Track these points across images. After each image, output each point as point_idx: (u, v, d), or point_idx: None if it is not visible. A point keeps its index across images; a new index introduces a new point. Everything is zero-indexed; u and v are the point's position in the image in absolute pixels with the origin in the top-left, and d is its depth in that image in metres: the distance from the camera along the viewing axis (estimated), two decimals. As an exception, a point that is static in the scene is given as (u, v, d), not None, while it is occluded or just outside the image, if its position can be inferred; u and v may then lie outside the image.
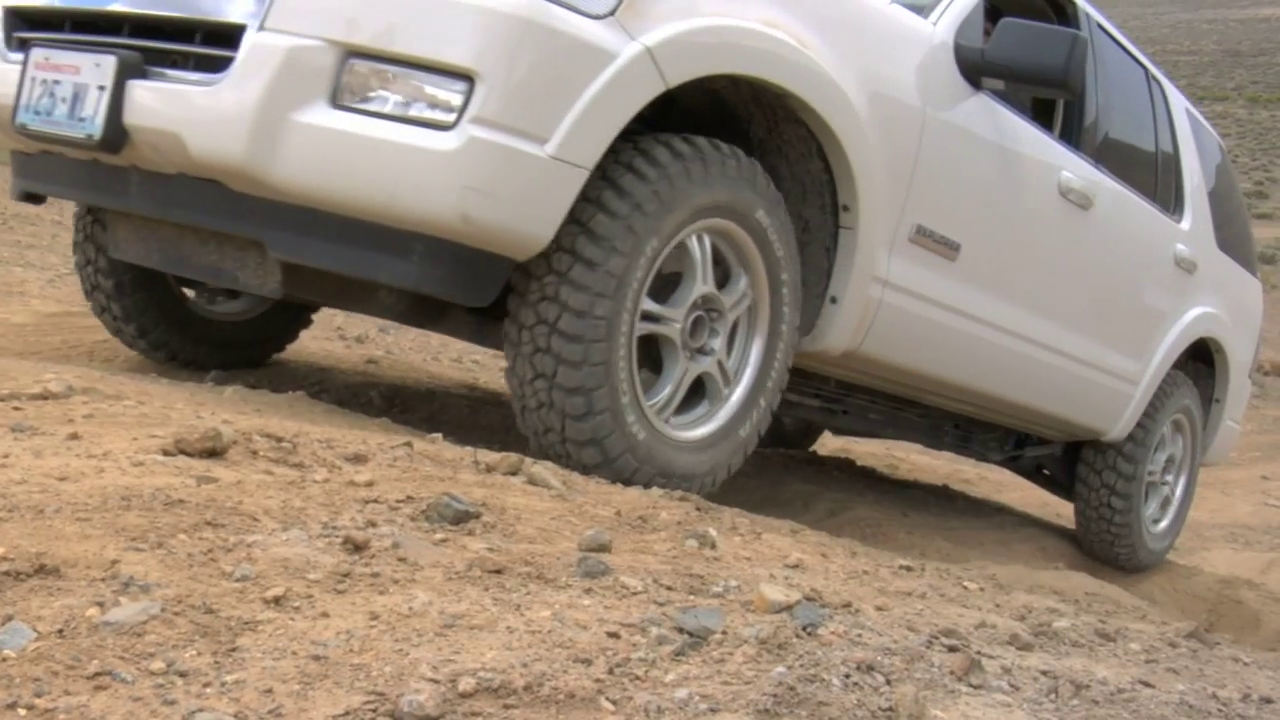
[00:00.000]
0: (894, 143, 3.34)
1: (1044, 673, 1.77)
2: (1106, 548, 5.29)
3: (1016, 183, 3.91)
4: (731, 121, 3.22)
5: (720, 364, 3.10)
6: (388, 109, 2.53)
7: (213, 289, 3.93)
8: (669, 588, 1.84)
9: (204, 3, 2.70)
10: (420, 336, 7.15)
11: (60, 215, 8.35)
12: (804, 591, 1.89)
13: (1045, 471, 5.68)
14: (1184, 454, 5.70)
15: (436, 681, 1.33)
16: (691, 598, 1.81)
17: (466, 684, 1.33)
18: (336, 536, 1.74)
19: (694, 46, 2.74)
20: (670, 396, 3.02)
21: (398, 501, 2.02)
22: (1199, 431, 5.67)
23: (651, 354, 3.03)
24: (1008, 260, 3.97)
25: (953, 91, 3.57)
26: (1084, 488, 5.26)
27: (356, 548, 1.70)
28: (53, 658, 1.25)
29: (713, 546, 2.25)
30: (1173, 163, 5.15)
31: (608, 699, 1.37)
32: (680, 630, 1.62)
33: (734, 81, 3.02)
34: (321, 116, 2.54)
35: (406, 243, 2.59)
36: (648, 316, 2.90)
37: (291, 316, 4.25)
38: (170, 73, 2.71)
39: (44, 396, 2.57)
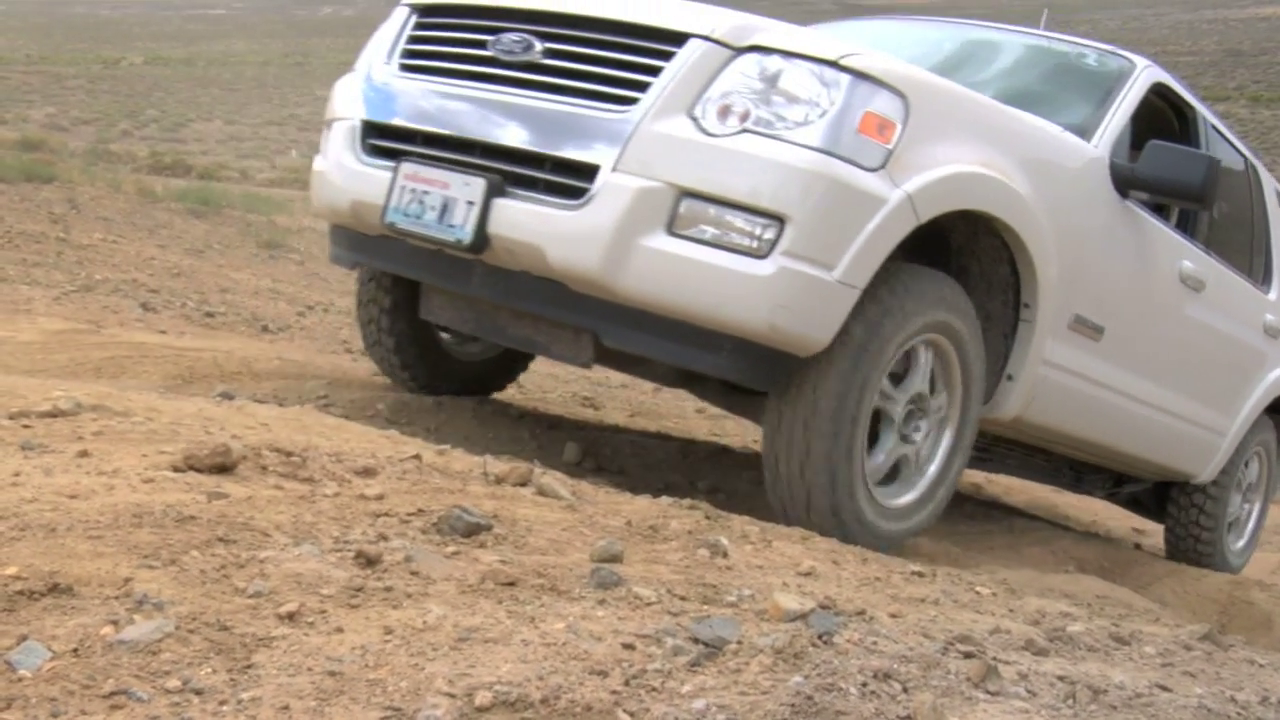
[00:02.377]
0: (1064, 248, 3.93)
1: (1061, 678, 1.76)
2: (1192, 560, 5.99)
3: (1148, 274, 4.55)
4: (938, 232, 3.75)
5: (918, 453, 3.71)
6: (714, 238, 3.12)
7: (462, 336, 4.60)
8: (682, 597, 1.83)
9: (565, 143, 3.28)
10: (425, 348, 7.14)
11: (65, 233, 8.36)
12: (818, 599, 1.88)
13: (1137, 500, 6.39)
14: (1260, 483, 6.40)
15: (453, 696, 1.32)
16: (705, 607, 1.80)
17: (483, 698, 1.32)
18: (349, 551, 1.73)
19: (940, 190, 3.36)
20: (881, 466, 3.57)
21: (409, 515, 2.01)
22: (1274, 466, 6.40)
23: (871, 429, 3.56)
24: (1138, 339, 4.62)
25: (1107, 201, 4.19)
26: (1173, 519, 6.01)
27: (369, 562, 1.70)
28: (68, 677, 1.25)
29: (725, 555, 2.25)
30: (1263, 239, 5.82)
31: (625, 711, 1.36)
32: (695, 640, 1.61)
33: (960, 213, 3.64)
34: (660, 241, 3.15)
35: (719, 341, 3.23)
36: (882, 394, 3.49)
37: (516, 359, 4.99)
38: (530, 194, 3.30)
39: (53, 414, 2.57)
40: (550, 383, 6.58)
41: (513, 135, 3.36)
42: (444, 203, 3.39)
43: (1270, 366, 5.78)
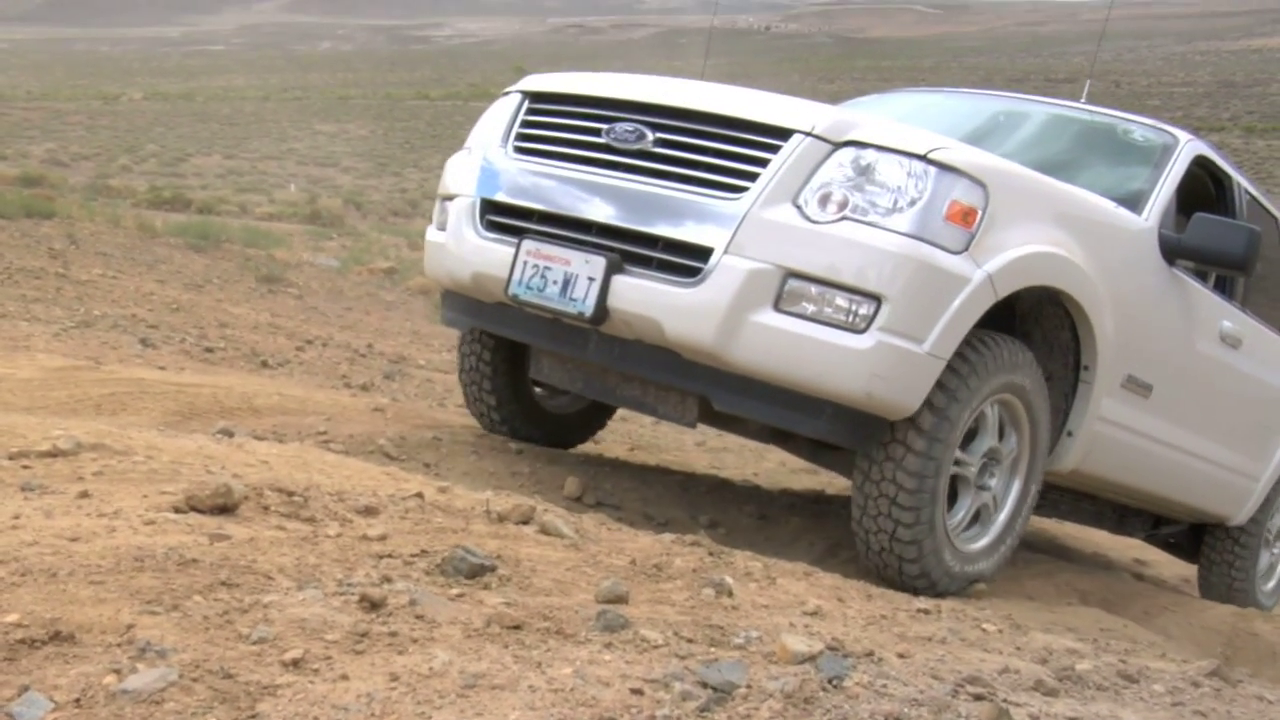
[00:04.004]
0: (1118, 313, 4.24)
1: (1072, 720, 1.74)
2: (1226, 597, 6.19)
3: (1192, 335, 4.86)
4: (1005, 302, 3.99)
5: (995, 497, 4.03)
6: (816, 314, 3.43)
7: (554, 390, 4.94)
8: (689, 640, 1.81)
9: (681, 226, 3.58)
10: (425, 383, 7.14)
11: (64, 269, 8.36)
12: (826, 641, 1.86)
13: (1172, 541, 6.64)
14: None
15: (460, 744, 1.30)
16: (713, 650, 1.79)
17: (490, 746, 1.30)
18: (352, 594, 1.71)
19: (1016, 269, 3.67)
20: (962, 520, 3.91)
21: (412, 556, 2.00)
22: None
23: (950, 488, 3.89)
24: (1182, 395, 4.92)
25: (1156, 270, 4.49)
26: (1207, 560, 6.28)
27: (373, 605, 1.68)
28: (70, 728, 1.23)
29: (730, 594, 2.23)
30: None
31: (633, 758, 1.34)
32: (704, 685, 1.59)
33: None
34: (768, 317, 3.45)
35: (819, 406, 3.55)
36: (955, 462, 3.79)
37: (600, 413, 5.30)
38: (647, 272, 3.60)
39: (53, 453, 2.55)
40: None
41: (629, 218, 3.67)
42: (565, 277, 3.72)
43: None
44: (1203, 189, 5.18)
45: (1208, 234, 4.48)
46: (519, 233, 3.86)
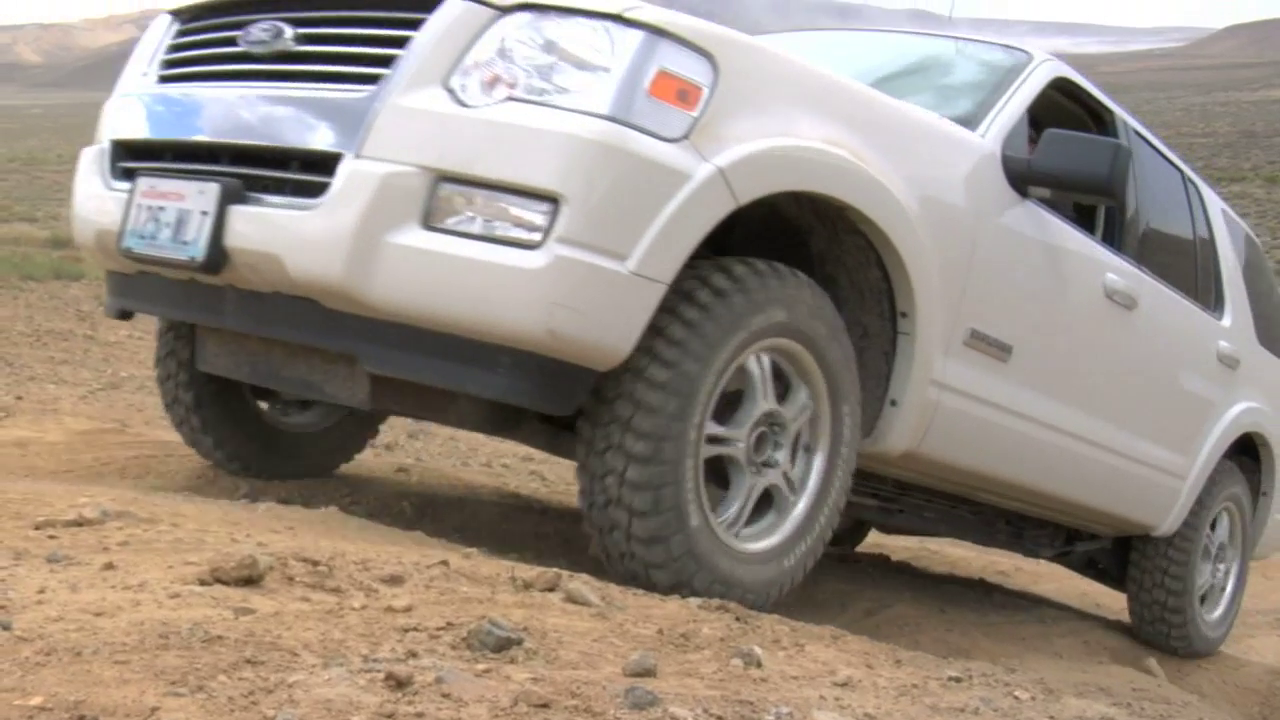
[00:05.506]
0: (948, 250, 3.47)
1: (1111, 798, 1.70)
2: (1162, 638, 5.38)
3: (1064, 286, 4.06)
4: (793, 234, 3.36)
5: (785, 475, 3.21)
6: (476, 229, 2.68)
7: (286, 402, 4.06)
8: (719, 716, 1.78)
9: (301, 133, 2.86)
10: (448, 442, 7.14)
11: (92, 331, 8.43)
12: (858, 717, 1.83)
13: (1097, 565, 5.75)
14: (1233, 543, 5.77)
15: (487, 831, 1.28)
16: (743, 727, 1.76)
17: (518, 833, 1.28)
18: (378, 672, 1.70)
19: (763, 166, 2.90)
20: (739, 512, 3.12)
21: (438, 629, 1.98)
22: (1249, 522, 5.78)
23: (719, 472, 3.11)
24: (1058, 361, 4.10)
25: (1001, 200, 3.72)
26: (1135, 582, 5.36)
27: (399, 684, 1.66)
28: (94, 818, 1.22)
29: (759, 665, 2.20)
30: (1211, 262, 5.33)
31: (664, 845, 1.32)
32: (734, 765, 1.57)
33: (795, 196, 3.15)
34: (414, 238, 2.69)
35: (494, 356, 2.74)
36: (714, 440, 3.01)
37: (359, 428, 4.38)
38: (269, 198, 2.87)
39: (79, 523, 2.56)
40: (573, 473, 6.56)
41: (254, 133, 2.94)
42: (179, 217, 2.95)
43: (1230, 400, 5.23)
44: (1079, 125, 4.36)
45: (1062, 153, 3.67)
46: (139, 174, 3.12)
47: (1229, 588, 5.79)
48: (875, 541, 6.94)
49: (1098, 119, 4.52)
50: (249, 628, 1.83)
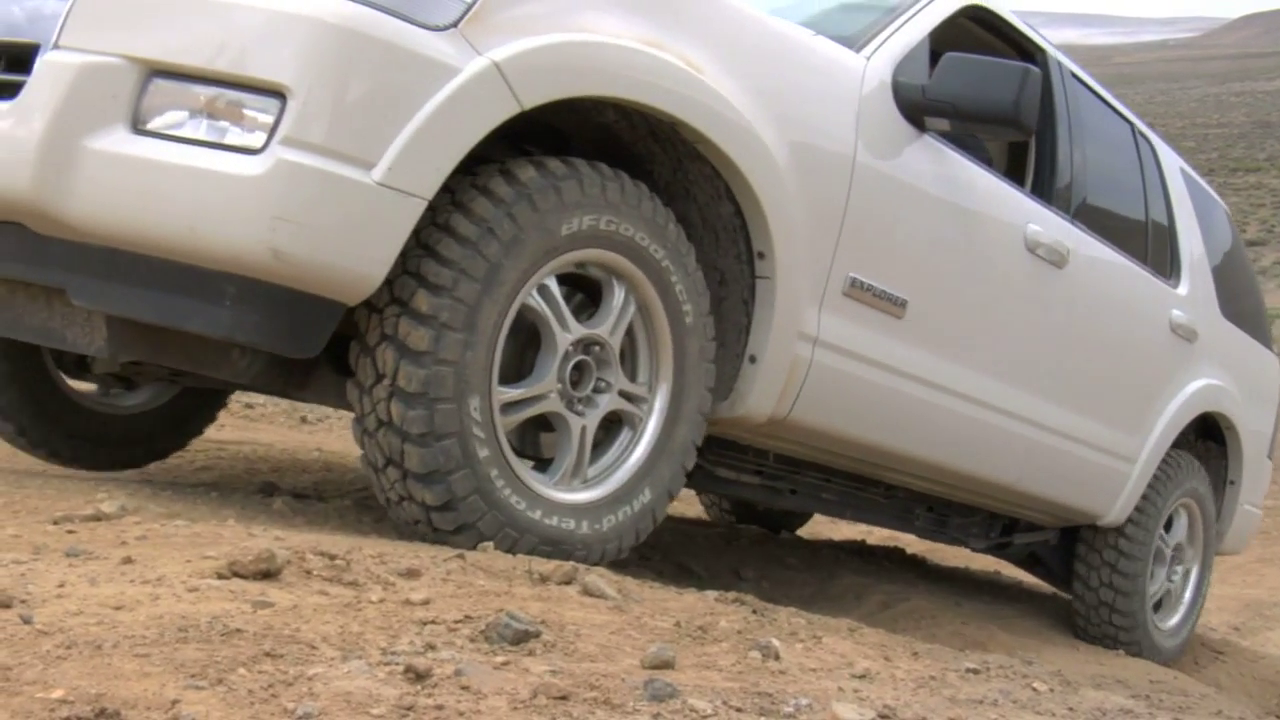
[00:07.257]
0: (818, 185, 3.05)
1: (1133, 790, 1.69)
2: (1109, 644, 4.76)
3: (973, 234, 3.59)
4: (632, 161, 2.92)
5: (624, 393, 2.83)
6: (193, 132, 2.29)
7: (107, 382, 3.64)
8: (738, 709, 1.78)
9: (8, 28, 2.44)
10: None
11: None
12: (877, 708, 1.83)
13: (1038, 559, 5.21)
14: (1192, 544, 5.17)
15: (509, 824, 1.28)
16: (762, 719, 1.76)
17: (539, 826, 1.28)
18: (397, 665, 1.70)
19: (553, 64, 2.47)
20: (575, 463, 2.77)
21: (456, 622, 1.98)
22: (1211, 518, 5.18)
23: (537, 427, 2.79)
24: (966, 320, 3.63)
25: (891, 132, 3.28)
26: (1080, 578, 4.78)
27: (418, 676, 1.66)
28: (116, 811, 1.22)
29: (776, 657, 2.20)
30: (1165, 224, 4.80)
31: (685, 837, 1.32)
32: (754, 757, 1.56)
33: (625, 114, 2.80)
34: (119, 143, 2.28)
35: (219, 285, 2.31)
36: (520, 403, 2.64)
37: (197, 407, 3.88)
38: None
39: (97, 518, 2.57)
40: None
41: None
42: None
43: (1187, 376, 4.69)
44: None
45: (961, 78, 3.19)
46: None
47: (1188, 594, 5.18)
48: (889, 535, 6.92)
49: (1026, 56, 3.97)
50: (268, 621, 1.83)
